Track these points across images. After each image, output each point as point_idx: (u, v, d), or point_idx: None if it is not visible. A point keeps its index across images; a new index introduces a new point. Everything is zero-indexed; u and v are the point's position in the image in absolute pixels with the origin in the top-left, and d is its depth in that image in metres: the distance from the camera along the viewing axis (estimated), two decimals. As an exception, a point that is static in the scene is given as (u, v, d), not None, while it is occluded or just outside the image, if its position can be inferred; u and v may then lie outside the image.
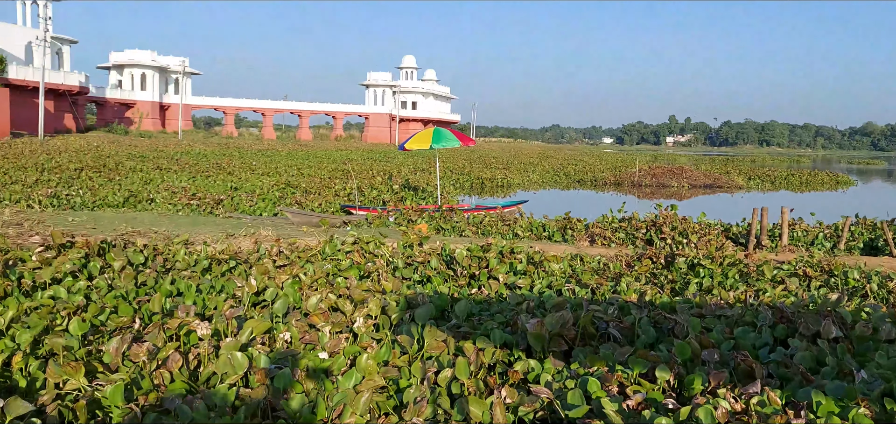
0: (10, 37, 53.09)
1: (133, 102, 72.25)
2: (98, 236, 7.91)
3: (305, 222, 12.25)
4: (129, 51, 74.33)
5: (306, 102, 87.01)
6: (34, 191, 15.06)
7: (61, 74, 54.67)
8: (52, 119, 51.27)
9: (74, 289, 5.23)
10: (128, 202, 14.49)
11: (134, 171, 22.62)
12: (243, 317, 4.22)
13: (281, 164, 30.67)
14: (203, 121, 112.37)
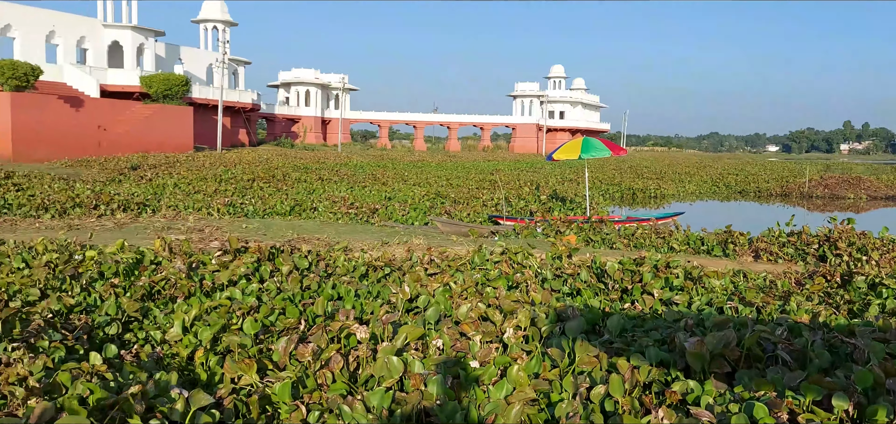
0: (195, 60, 59.03)
1: (298, 117, 77.51)
2: (268, 242, 8.55)
3: (455, 231, 12.49)
4: (296, 70, 79.90)
5: (455, 114, 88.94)
6: (213, 200, 16.56)
7: (237, 93, 59.91)
8: (228, 134, 56.25)
9: (248, 291, 5.69)
10: (294, 211, 15.53)
11: (299, 182, 24.22)
12: (398, 322, 4.38)
13: (431, 175, 31.54)
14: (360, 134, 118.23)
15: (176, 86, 45.27)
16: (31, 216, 12.52)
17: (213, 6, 62.94)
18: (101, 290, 5.83)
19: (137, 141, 39.09)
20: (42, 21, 45.53)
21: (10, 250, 8.21)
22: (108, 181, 20.73)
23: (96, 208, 13.53)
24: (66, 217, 12.61)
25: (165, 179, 22.53)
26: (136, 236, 10.16)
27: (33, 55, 42.81)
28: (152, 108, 42.23)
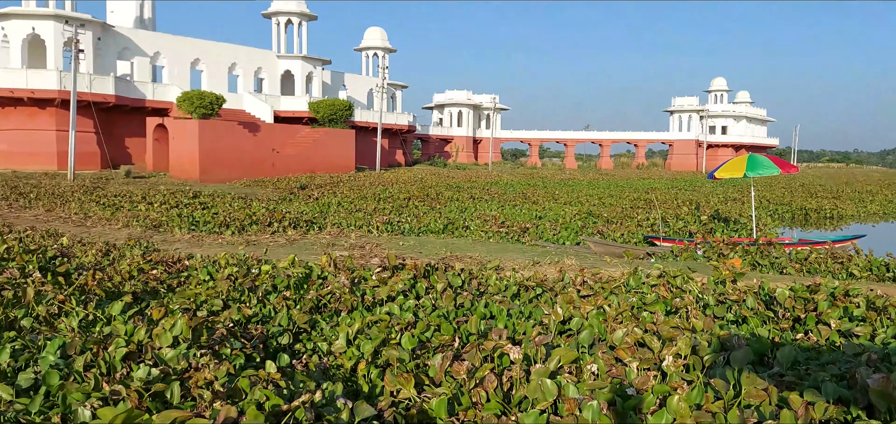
0: (357, 85, 62.52)
1: (451, 137, 79.54)
2: (424, 259, 8.85)
3: (608, 252, 12.21)
4: (449, 92, 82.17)
5: (607, 131, 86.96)
6: (373, 218, 17.41)
7: (394, 116, 62.66)
8: (386, 154, 58.87)
9: (405, 307, 5.93)
10: (447, 229, 15.95)
11: (451, 200, 24.83)
12: (551, 345, 4.36)
13: (582, 193, 31.06)
14: (510, 152, 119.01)
15: (340, 110, 48.20)
16: (214, 233, 13.83)
17: (374, 35, 66.35)
18: (274, 302, 6.32)
19: (306, 162, 41.97)
20: (226, 55, 50.36)
21: (198, 264, 9.12)
22: (280, 200, 22.43)
23: (270, 225, 14.71)
24: (245, 234, 13.81)
25: (330, 197, 23.99)
26: (305, 252, 10.91)
27: (217, 86, 47.44)
28: (319, 131, 45.20)
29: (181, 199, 20.11)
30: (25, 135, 38.17)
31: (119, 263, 8.85)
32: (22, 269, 7.88)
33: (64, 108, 37.44)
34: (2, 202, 19.03)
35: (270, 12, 54.44)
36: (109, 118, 40.58)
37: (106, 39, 42.78)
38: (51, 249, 9.49)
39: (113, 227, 14.68)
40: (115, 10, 51.41)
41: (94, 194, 20.93)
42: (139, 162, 41.46)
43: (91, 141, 38.87)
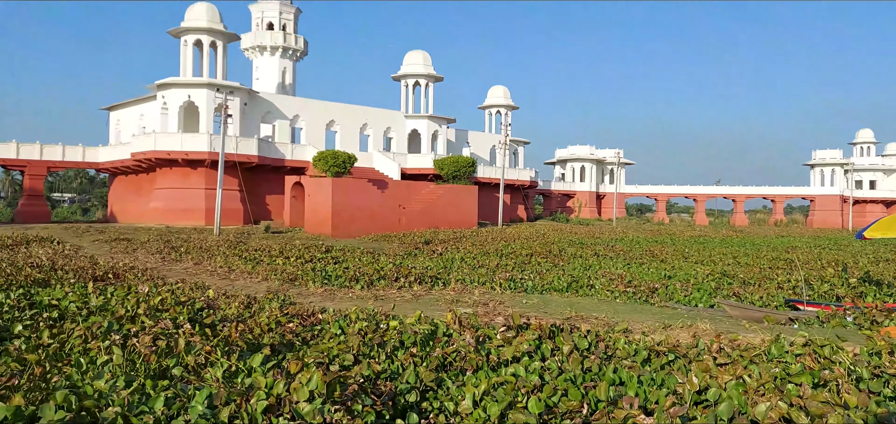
0: (480, 142, 63.60)
1: (573, 192, 78.68)
2: (548, 319, 8.75)
3: (746, 316, 11.51)
4: (571, 147, 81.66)
5: (741, 186, 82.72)
6: (495, 274, 17.45)
7: (516, 171, 63.01)
8: (508, 210, 59.08)
9: (531, 369, 5.87)
10: (571, 287, 15.68)
11: (574, 257, 24.43)
12: (687, 416, 4.17)
13: (715, 251, 29.57)
14: (635, 207, 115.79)
15: (463, 167, 49.14)
16: (345, 287, 14.40)
17: (498, 93, 67.51)
18: (402, 358, 6.47)
19: (430, 218, 42.94)
20: (357, 116, 52.99)
21: (330, 318, 9.52)
22: (405, 255, 23.02)
23: (397, 280, 15.12)
24: (373, 288, 14.27)
25: (453, 253, 24.34)
26: (430, 308, 11.11)
27: (350, 145, 49.91)
28: (443, 188, 46.21)
29: (315, 253, 21.13)
30: (179, 193, 41.84)
31: (259, 315, 9.41)
32: (174, 320, 8.57)
33: (213, 168, 40.74)
34: (156, 256, 20.82)
35: (400, 75, 56.86)
36: (252, 177, 43.64)
37: (251, 104, 46.31)
38: (198, 301, 10.26)
39: (254, 280, 15.64)
40: (260, 77, 55.75)
41: (237, 248, 22.44)
42: (277, 218, 44.13)
43: (235, 198, 41.94)
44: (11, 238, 23.87)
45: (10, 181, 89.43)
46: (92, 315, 8.73)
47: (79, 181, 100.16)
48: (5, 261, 15.96)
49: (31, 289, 11.33)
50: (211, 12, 44.52)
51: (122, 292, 10.37)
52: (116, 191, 50.39)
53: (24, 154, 45.20)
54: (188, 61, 44.60)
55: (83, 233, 29.91)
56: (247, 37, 55.91)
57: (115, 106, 51.99)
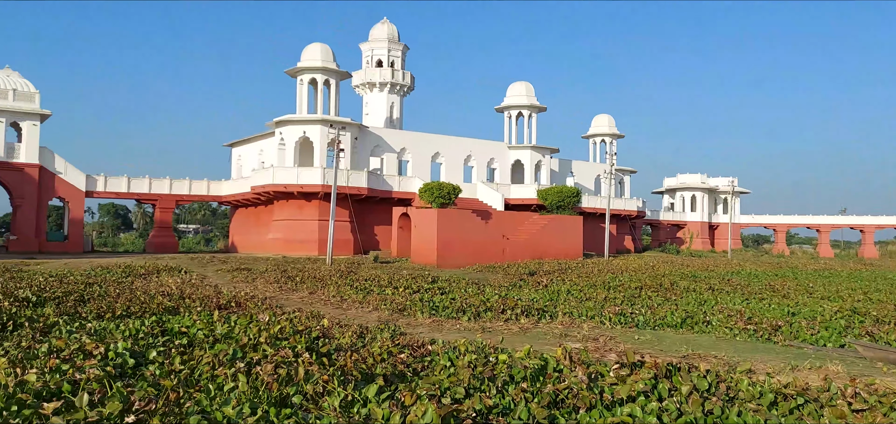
0: (584, 172, 62.69)
1: (683, 222, 75.82)
2: (663, 356, 8.46)
3: (882, 358, 10.64)
4: (681, 175, 78.89)
5: (870, 216, 76.84)
6: (604, 308, 17.05)
7: (622, 201, 61.55)
8: (614, 241, 57.70)
9: (647, 409, 5.68)
10: (685, 323, 15.07)
11: (687, 291, 23.48)
12: (822, 468, 3.91)
13: (842, 286, 27.56)
14: (751, 239, 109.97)
15: (568, 197, 48.56)
16: (452, 318, 14.53)
17: (602, 122, 66.52)
18: (513, 393, 6.44)
19: (534, 248, 42.63)
20: (462, 148, 53.69)
21: (440, 349, 9.63)
22: (510, 286, 22.95)
23: (503, 312, 15.09)
24: (480, 320, 14.31)
25: (559, 285, 24.00)
26: (538, 342, 11.01)
27: (454, 176, 50.58)
28: (547, 218, 45.82)
29: (422, 284, 21.47)
30: (294, 224, 43.81)
31: (372, 345, 9.66)
32: (293, 348, 8.95)
33: (325, 200, 42.45)
34: (274, 285, 21.84)
35: (503, 107, 57.23)
36: (362, 208, 45.06)
37: (361, 138, 47.98)
38: (314, 330, 10.67)
39: (365, 309, 16.08)
40: (370, 112, 57.75)
41: (348, 278, 23.17)
42: (385, 248, 45.23)
43: (346, 229, 43.42)
44: (144, 268, 25.77)
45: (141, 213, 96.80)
46: (218, 343, 9.27)
47: (202, 213, 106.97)
48: (140, 290, 17.23)
49: (162, 316, 12.16)
50: (325, 52, 46.67)
51: (244, 320, 10.94)
52: (237, 222, 53.40)
53: (155, 189, 48.83)
54: (304, 99, 46.87)
55: (208, 263, 31.83)
56: (357, 74, 58.15)
57: (237, 142, 55.30)
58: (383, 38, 58.72)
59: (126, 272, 24.03)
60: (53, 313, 12.27)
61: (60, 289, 16.46)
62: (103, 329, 10.38)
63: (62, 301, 14.32)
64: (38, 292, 15.51)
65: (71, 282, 18.82)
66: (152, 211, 54.27)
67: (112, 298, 14.85)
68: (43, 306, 13.49)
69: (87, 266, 26.86)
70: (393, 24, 59.85)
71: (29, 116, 42.65)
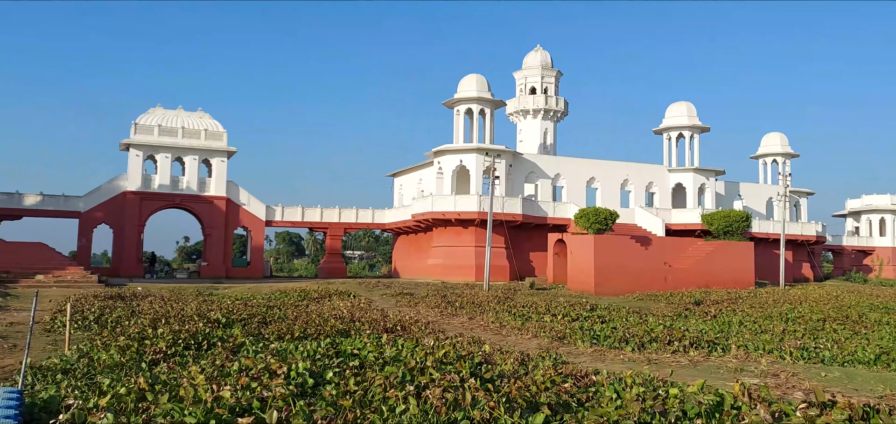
0: (754, 194, 58.68)
1: (871, 248, 68.53)
2: (857, 397, 7.70)
3: None
4: (866, 196, 71.42)
5: None
6: (783, 341, 15.78)
7: (799, 225, 56.81)
8: (790, 268, 53.31)
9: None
10: (879, 360, 13.57)
11: (880, 324, 21.15)
12: None
13: None
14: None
15: (736, 222, 45.68)
16: (615, 348, 14.14)
17: (773, 141, 62.17)
18: (689, 430, 6.16)
19: (699, 276, 40.44)
20: (618, 172, 52.40)
21: (604, 380, 9.42)
22: (675, 316, 21.92)
23: (670, 343, 14.44)
24: (645, 351, 13.80)
25: (729, 316, 22.56)
26: (711, 376, 10.43)
27: (610, 201, 49.39)
28: (713, 244, 43.34)
29: (580, 311, 21.10)
30: (453, 251, 44.88)
31: (534, 373, 9.65)
32: (458, 373, 9.15)
33: (481, 227, 43.11)
34: (435, 310, 22.46)
35: (662, 128, 55.23)
36: (517, 234, 45.24)
37: (516, 165, 48.33)
38: (477, 355, 10.84)
39: (524, 336, 16.09)
40: (524, 139, 58.07)
41: (506, 304, 23.31)
42: (541, 274, 45.00)
43: (502, 255, 43.77)
44: (317, 292, 27.54)
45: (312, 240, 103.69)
46: (387, 365, 9.69)
47: (366, 240, 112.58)
48: (314, 313, 18.43)
49: (335, 338, 12.91)
50: (480, 83, 47.71)
51: (410, 344, 11.36)
52: (399, 249, 55.60)
53: (325, 218, 52.12)
54: (460, 129, 48.12)
55: (373, 288, 33.42)
56: (511, 102, 58.75)
57: (398, 173, 57.79)
58: (536, 66, 58.94)
59: (301, 295, 25.81)
60: (240, 333, 13.44)
61: (245, 312, 18.01)
62: (284, 350, 11.20)
63: (247, 323, 15.65)
64: (227, 314, 17.07)
65: (254, 305, 20.53)
66: (323, 239, 57.98)
67: (290, 320, 16.01)
68: (231, 327, 14.81)
69: (268, 290, 29.19)
70: (546, 52, 59.95)
71: (217, 154, 47.36)
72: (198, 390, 7.43)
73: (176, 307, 19.17)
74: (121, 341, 11.93)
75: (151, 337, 12.46)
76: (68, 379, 9.17)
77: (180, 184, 46.44)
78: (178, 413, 6.92)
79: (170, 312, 17.64)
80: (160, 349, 11.44)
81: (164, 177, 45.90)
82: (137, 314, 17.31)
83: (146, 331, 13.09)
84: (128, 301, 21.73)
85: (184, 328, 13.53)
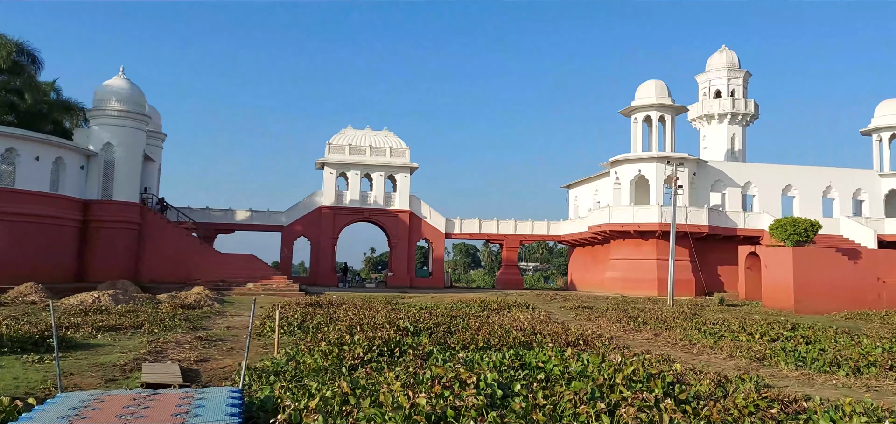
0: None
1: None
2: None
3: None
4: None
5: None
6: None
7: None
8: None
9: None
10: None
11: None
12: None
13: None
14: None
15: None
16: (824, 372, 12.84)
17: None
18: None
19: (923, 295, 35.62)
20: (818, 178, 47.78)
21: (817, 407, 8.61)
22: (893, 338, 19.48)
23: (892, 369, 12.85)
24: (861, 376, 12.40)
25: (964, 340, 19.60)
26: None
27: (810, 210, 45.11)
28: (939, 257, 37.98)
29: (780, 330, 19.42)
30: (632, 263, 43.44)
31: (735, 396, 9.05)
32: (651, 392, 8.82)
33: (663, 239, 41.30)
34: (616, 324, 21.82)
35: (870, 129, 49.58)
36: (702, 247, 42.78)
37: (700, 173, 45.79)
38: (667, 374, 10.37)
39: (718, 356, 15.12)
40: (708, 146, 54.84)
41: (694, 321, 22.05)
42: (730, 289, 42.17)
43: (687, 269, 41.60)
44: (497, 303, 27.91)
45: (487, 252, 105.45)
46: (574, 380, 9.58)
47: (540, 252, 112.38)
48: (496, 323, 18.71)
49: (518, 350, 12.98)
50: (659, 89, 45.87)
51: (596, 359, 11.14)
52: (575, 261, 54.84)
53: (502, 230, 52.77)
54: (638, 137, 46.55)
55: (551, 300, 33.22)
56: (694, 107, 55.76)
57: (573, 184, 57.10)
58: (722, 67, 55.50)
59: (481, 306, 26.29)
60: (428, 342, 13.97)
61: (431, 321, 18.69)
62: (471, 360, 11.46)
63: (433, 332, 16.24)
64: (414, 322, 17.83)
65: (438, 315, 21.25)
66: (498, 250, 58.71)
67: (473, 330, 16.37)
68: (419, 335, 15.44)
69: (449, 300, 30.11)
70: (732, 52, 56.24)
71: (401, 170, 49.81)
72: (396, 396, 7.83)
73: (368, 315, 20.36)
74: (322, 346, 12.88)
75: (349, 343, 13.33)
76: (279, 381, 10.05)
77: (368, 199, 49.42)
78: (380, 417, 7.34)
79: (363, 319, 18.78)
80: (357, 354, 12.21)
81: (354, 192, 49.11)
82: (334, 321, 18.61)
83: (344, 337, 14.04)
84: (325, 308, 23.44)
85: (377, 335, 14.34)
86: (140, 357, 13.20)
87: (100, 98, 36.82)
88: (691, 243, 40.96)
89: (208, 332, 17.72)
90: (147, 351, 14.02)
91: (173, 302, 24.93)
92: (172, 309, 22.44)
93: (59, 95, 41.19)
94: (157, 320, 19.26)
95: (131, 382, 10.80)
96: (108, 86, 37.05)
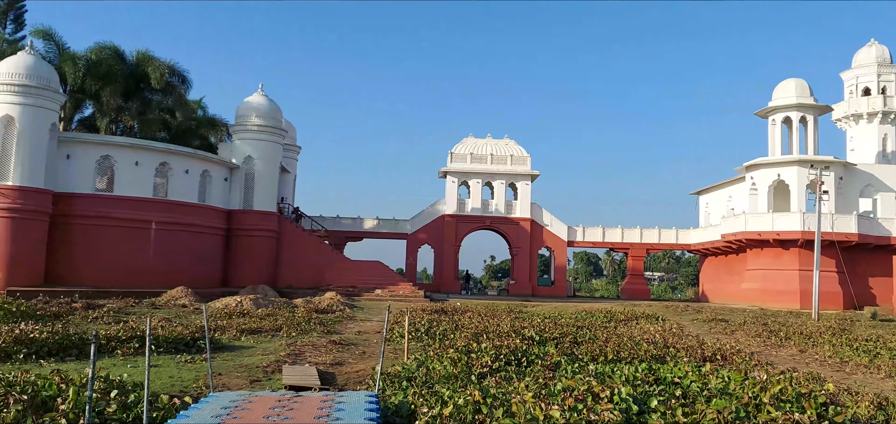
0: None
1: None
2: None
3: None
4: None
5: None
6: None
7: None
8: None
9: None
10: None
11: None
12: None
13: None
14: None
15: None
16: None
17: None
18: None
19: None
20: None
21: None
22: None
23: None
24: None
25: None
26: None
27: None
28: None
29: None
30: (771, 274, 40.81)
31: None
32: (803, 413, 8.22)
33: (806, 248, 38.52)
34: (756, 339, 20.55)
35: None
36: (851, 256, 39.50)
37: (847, 178, 42.36)
38: (819, 394, 9.61)
39: (874, 375, 13.87)
40: (856, 148, 50.58)
41: (844, 337, 20.36)
42: (884, 303, 38.65)
43: (833, 280, 38.56)
44: (623, 313, 27.11)
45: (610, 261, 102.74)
46: (714, 398, 9.09)
47: (666, 261, 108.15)
48: (624, 335, 18.16)
49: (651, 364, 12.50)
50: (800, 88, 42.93)
51: (737, 376, 10.52)
52: (707, 271, 52.28)
53: (627, 238, 51.31)
54: (776, 140, 43.75)
55: (682, 311, 31.86)
56: (839, 107, 51.62)
57: (703, 190, 54.51)
58: (870, 63, 51.01)
59: (607, 317, 25.64)
60: (555, 352, 13.76)
61: (556, 330, 18.43)
62: (601, 372, 11.17)
63: (560, 342, 15.98)
64: (539, 331, 17.65)
65: (563, 324, 20.93)
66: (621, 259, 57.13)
67: (601, 342, 15.96)
68: (544, 345, 15.26)
69: (573, 310, 29.58)
70: (882, 46, 51.58)
71: (522, 177, 49.66)
72: (529, 407, 7.77)
73: (492, 323, 20.40)
74: (451, 353, 13.03)
75: (476, 351, 13.40)
76: (412, 387, 10.26)
77: (490, 207, 49.67)
78: (514, 427, 7.31)
79: (488, 327, 18.84)
80: (485, 363, 12.24)
81: (475, 201, 49.54)
82: (460, 328, 18.80)
83: (471, 345, 14.13)
84: (450, 315, 23.74)
85: (503, 343, 14.32)
86: (280, 359, 13.94)
87: (241, 114, 39.37)
88: (838, 252, 37.90)
89: (341, 336, 18.42)
90: (286, 354, 14.78)
91: (308, 307, 26.17)
92: (307, 314, 23.55)
93: (205, 112, 44.56)
94: (293, 323, 20.27)
95: (274, 383, 11.41)
96: (249, 103, 39.53)
